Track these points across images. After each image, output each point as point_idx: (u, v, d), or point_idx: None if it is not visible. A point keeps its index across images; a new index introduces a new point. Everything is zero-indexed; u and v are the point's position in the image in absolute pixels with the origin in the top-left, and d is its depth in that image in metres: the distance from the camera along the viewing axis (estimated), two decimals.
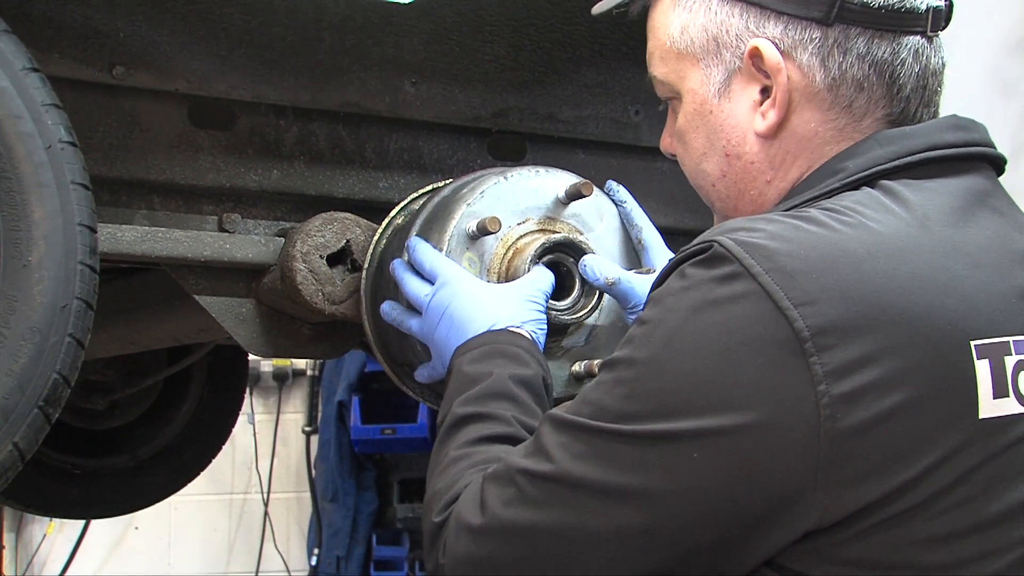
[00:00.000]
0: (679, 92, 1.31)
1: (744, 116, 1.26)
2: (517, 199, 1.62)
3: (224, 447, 3.03)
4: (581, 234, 1.64)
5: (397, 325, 1.59)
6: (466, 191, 1.63)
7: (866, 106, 1.23)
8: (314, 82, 1.83)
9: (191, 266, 1.75)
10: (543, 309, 1.51)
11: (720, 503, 1.07)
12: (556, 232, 1.62)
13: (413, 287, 1.55)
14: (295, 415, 5.60)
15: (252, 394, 5.45)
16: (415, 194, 1.78)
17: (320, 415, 5.42)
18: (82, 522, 5.13)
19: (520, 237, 1.61)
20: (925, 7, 1.23)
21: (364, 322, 1.71)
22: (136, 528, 5.39)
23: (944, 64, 1.26)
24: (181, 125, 1.79)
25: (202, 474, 3.01)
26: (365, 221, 1.76)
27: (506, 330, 1.44)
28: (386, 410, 5.04)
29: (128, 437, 2.92)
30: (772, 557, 1.09)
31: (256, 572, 5.50)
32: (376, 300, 1.68)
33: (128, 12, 1.69)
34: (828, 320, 1.06)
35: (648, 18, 1.35)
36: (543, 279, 1.55)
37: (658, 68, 1.33)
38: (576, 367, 1.63)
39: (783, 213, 1.16)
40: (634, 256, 1.68)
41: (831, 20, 1.21)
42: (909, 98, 1.24)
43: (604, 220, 1.68)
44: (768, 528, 1.07)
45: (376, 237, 1.73)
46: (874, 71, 1.22)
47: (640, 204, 1.71)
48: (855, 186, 1.19)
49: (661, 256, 1.66)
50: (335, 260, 1.73)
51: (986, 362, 1.10)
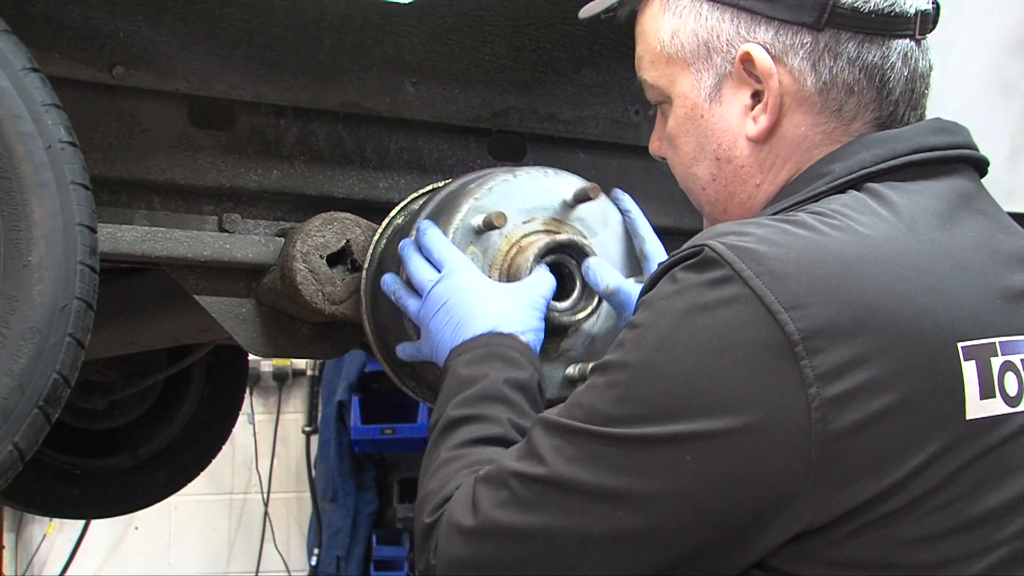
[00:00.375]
0: (669, 96, 1.31)
1: (735, 120, 1.27)
2: (524, 198, 1.62)
3: (224, 447, 3.03)
4: (585, 238, 1.64)
5: (395, 300, 1.58)
6: (474, 186, 1.63)
7: (856, 110, 1.24)
8: (314, 82, 1.83)
9: (191, 266, 1.75)
10: (543, 315, 1.51)
11: (713, 506, 1.08)
12: (561, 233, 1.62)
13: (419, 270, 1.54)
14: (295, 415, 5.60)
15: (252, 394, 5.45)
16: (415, 194, 1.78)
17: (320, 415, 5.42)
18: (82, 522, 5.13)
19: (525, 235, 1.61)
20: (914, 11, 1.23)
21: (364, 322, 1.71)
22: (136, 528, 5.39)
23: (932, 67, 1.27)
24: (181, 125, 1.79)
25: (202, 474, 3.01)
26: (365, 221, 1.76)
27: (502, 333, 1.44)
28: (386, 410, 5.04)
29: (128, 437, 2.92)
30: (763, 558, 1.10)
31: (256, 572, 5.50)
32: (376, 300, 1.68)
33: (128, 12, 1.69)
34: (818, 323, 1.06)
35: (636, 22, 1.35)
36: (545, 283, 1.54)
37: (648, 72, 1.33)
38: (571, 370, 1.63)
39: (772, 217, 1.17)
40: (635, 264, 1.68)
41: (822, 25, 1.21)
42: (898, 101, 1.24)
43: (608, 226, 1.68)
44: (760, 530, 1.08)
45: (376, 237, 1.73)
46: (864, 75, 1.22)
47: (643, 210, 1.72)
48: (842, 189, 1.19)
49: None
50: (335, 260, 1.73)
51: (973, 363, 1.10)
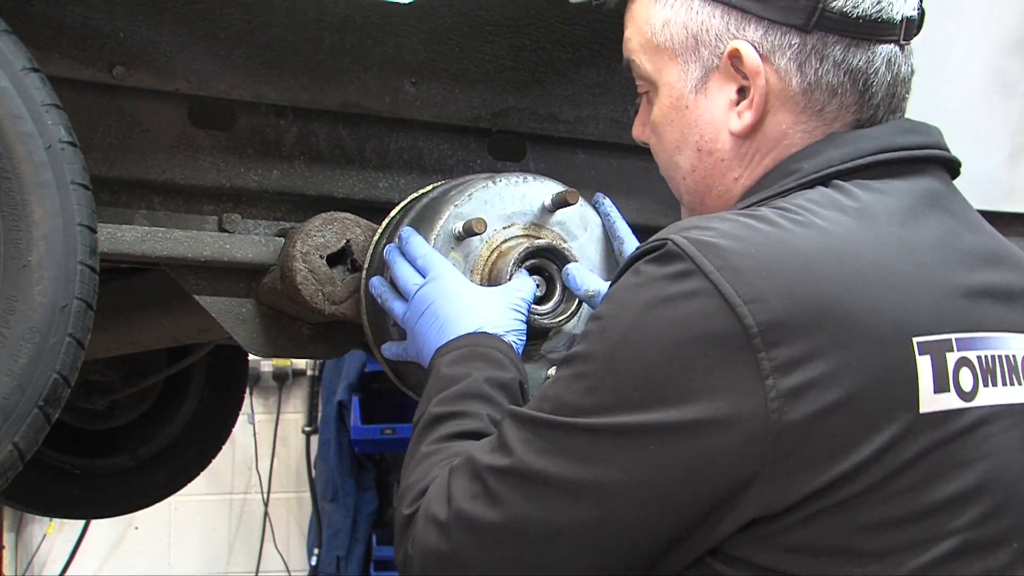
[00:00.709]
0: (656, 84, 1.34)
1: (719, 114, 1.29)
2: (504, 204, 1.65)
3: (224, 447, 3.03)
4: (565, 242, 1.67)
5: (381, 302, 1.61)
6: (454, 193, 1.66)
7: (837, 111, 1.26)
8: (314, 82, 1.83)
9: (191, 266, 1.75)
10: (525, 318, 1.53)
11: (675, 494, 1.10)
12: (540, 238, 1.65)
13: (404, 274, 1.57)
14: (295, 415, 5.60)
15: (252, 394, 5.45)
16: (415, 194, 1.78)
17: (320, 415, 5.42)
18: (82, 522, 5.13)
19: (505, 241, 1.64)
20: (900, 17, 1.25)
21: (364, 322, 1.71)
22: (136, 528, 5.39)
23: (913, 71, 1.30)
24: (181, 125, 1.79)
25: (202, 474, 3.01)
26: (365, 221, 1.76)
27: (487, 334, 1.46)
28: (386, 410, 5.04)
29: (128, 437, 2.92)
30: (719, 544, 1.12)
31: (256, 572, 5.50)
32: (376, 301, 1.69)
33: (128, 12, 1.69)
34: (776, 317, 1.08)
35: (627, 8, 1.37)
36: (526, 286, 1.57)
37: (636, 55, 1.35)
38: (552, 371, 1.65)
39: (736, 212, 1.19)
40: (615, 267, 1.71)
41: (810, 27, 1.23)
42: (879, 105, 1.27)
43: (588, 230, 1.70)
44: (719, 517, 1.10)
45: (376, 237, 1.73)
46: (848, 78, 1.25)
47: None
48: (809, 186, 1.22)
49: None
50: (335, 260, 1.73)
51: (928, 358, 1.13)
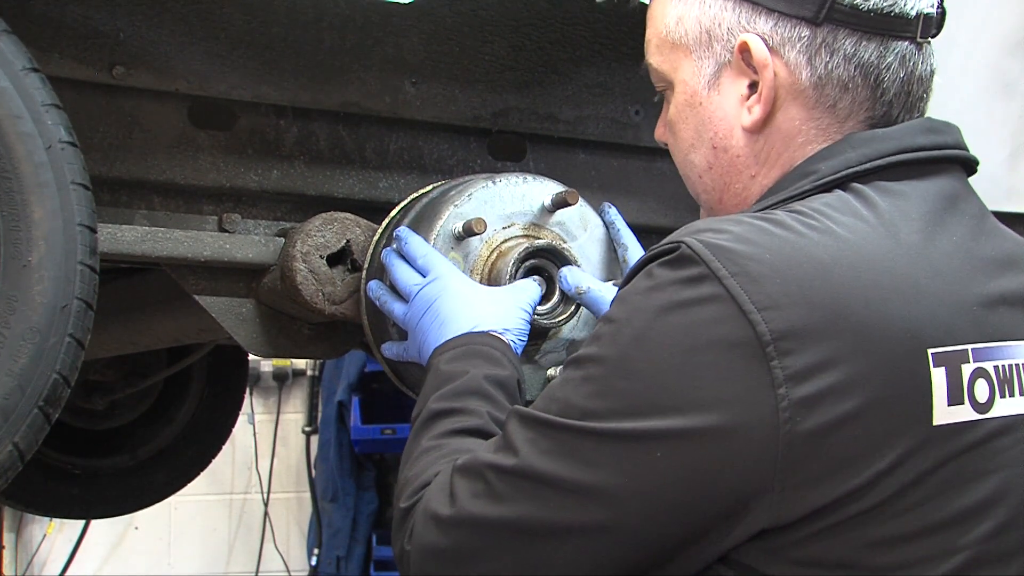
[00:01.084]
0: (672, 82, 1.33)
1: (732, 109, 1.28)
2: (504, 204, 1.65)
3: (224, 447, 3.03)
4: (565, 242, 1.67)
5: (380, 305, 1.61)
6: (454, 193, 1.66)
7: (850, 107, 1.24)
8: (314, 82, 1.83)
9: (191, 266, 1.75)
10: (528, 319, 1.53)
11: (681, 502, 1.09)
12: (540, 238, 1.64)
13: (403, 275, 1.57)
14: (295, 415, 5.60)
15: (252, 394, 5.45)
16: (415, 194, 1.78)
17: (320, 415, 5.42)
18: (82, 522, 5.13)
19: (504, 241, 1.64)
20: (915, 13, 1.23)
21: (364, 322, 1.71)
22: (136, 528, 5.39)
23: (933, 71, 1.27)
24: (181, 125, 1.79)
25: (202, 474, 3.01)
26: (365, 221, 1.76)
27: (485, 332, 1.46)
28: (386, 410, 5.04)
29: (128, 437, 2.92)
30: (727, 553, 1.11)
31: (256, 572, 5.50)
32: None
33: (128, 12, 1.69)
34: (790, 325, 1.07)
35: (648, 6, 1.36)
36: (532, 288, 1.57)
37: (654, 56, 1.34)
38: (552, 371, 1.65)
39: (752, 215, 1.17)
40: (615, 267, 1.72)
41: (820, 20, 1.22)
42: (892, 102, 1.25)
43: (588, 230, 1.71)
44: (727, 527, 1.09)
45: (376, 237, 1.73)
46: (859, 73, 1.23)
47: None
48: (827, 188, 1.20)
49: None
50: (335, 260, 1.73)
51: (942, 370, 1.11)
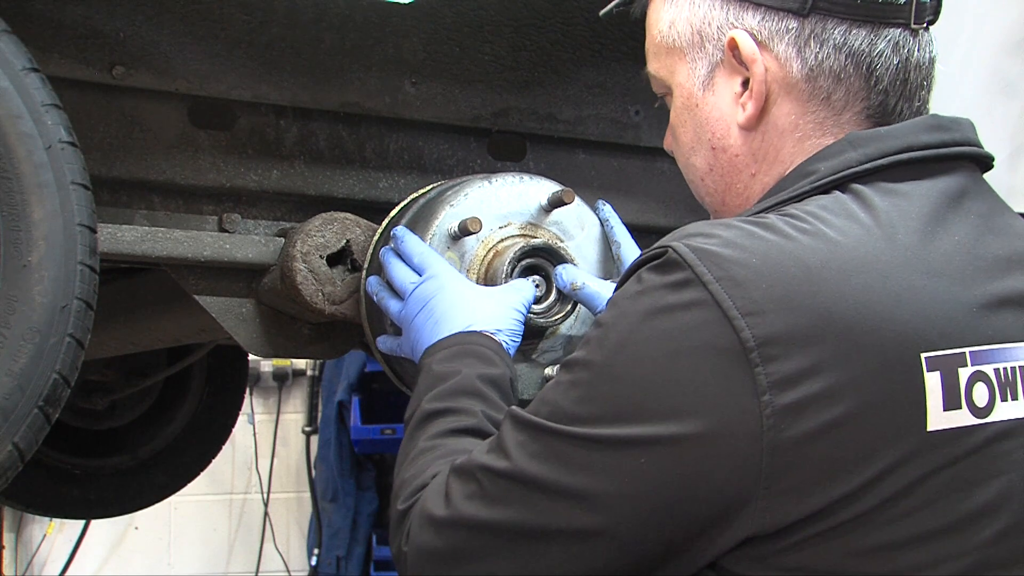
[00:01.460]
0: (670, 87, 1.32)
1: (727, 109, 1.26)
2: (500, 203, 1.65)
3: (224, 447, 3.04)
4: (561, 241, 1.67)
5: (377, 301, 1.61)
6: (450, 193, 1.66)
7: (845, 99, 1.22)
8: (314, 82, 1.83)
9: (191, 266, 1.75)
10: (522, 320, 1.52)
11: (667, 508, 1.08)
12: (537, 238, 1.64)
13: (399, 273, 1.57)
14: (295, 415, 5.60)
15: (252, 394, 5.45)
16: (415, 194, 1.78)
17: (320, 415, 5.42)
18: (82, 522, 5.13)
19: (501, 240, 1.64)
20: None
21: (364, 322, 1.71)
22: (136, 528, 5.39)
23: (932, 59, 1.24)
24: (181, 125, 1.79)
25: (202, 474, 3.01)
26: (365, 221, 1.76)
27: (477, 332, 1.46)
28: (386, 410, 5.04)
29: (128, 437, 2.92)
30: (715, 560, 1.10)
31: (256, 572, 5.49)
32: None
33: (128, 12, 1.69)
34: (774, 331, 1.05)
35: (647, 15, 1.35)
36: (526, 289, 1.56)
37: (652, 63, 1.33)
38: (549, 370, 1.65)
39: (744, 219, 1.15)
40: (612, 266, 1.71)
41: (807, 11, 1.20)
42: (887, 91, 1.22)
43: (585, 229, 1.71)
44: (713, 534, 1.08)
45: (376, 237, 1.73)
46: (851, 62, 1.20)
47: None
48: (826, 189, 1.18)
49: None
50: (335, 260, 1.73)
51: (937, 374, 1.08)
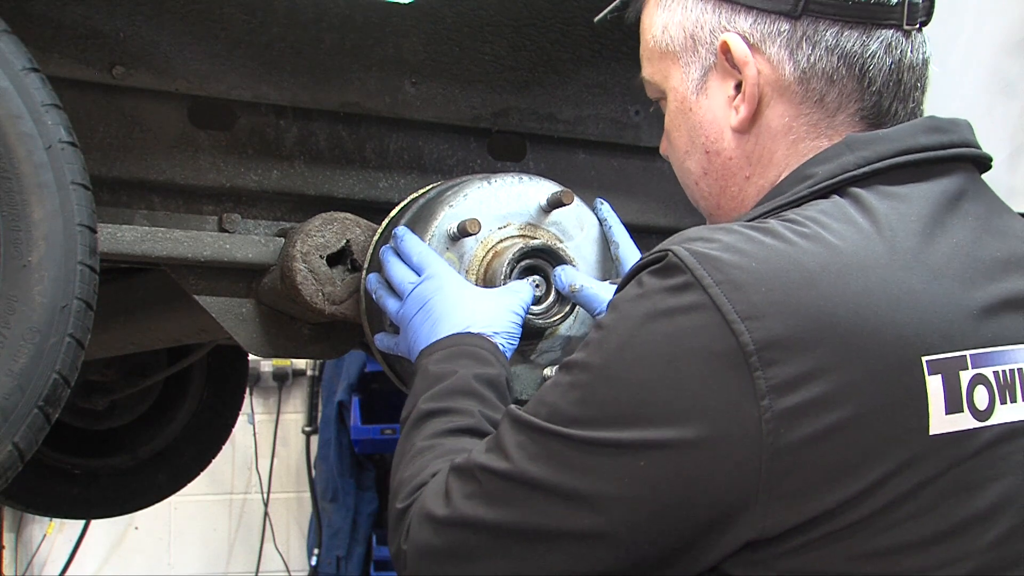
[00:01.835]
0: (664, 91, 1.32)
1: (721, 112, 1.26)
2: (499, 204, 1.65)
3: (224, 447, 3.03)
4: (561, 242, 1.66)
5: (376, 300, 1.61)
6: (449, 193, 1.66)
7: (838, 100, 1.22)
8: (314, 82, 1.83)
9: (191, 266, 1.75)
10: (520, 322, 1.52)
11: (666, 512, 1.08)
12: (536, 238, 1.64)
13: (398, 273, 1.57)
14: (295, 415, 5.60)
15: (252, 394, 5.45)
16: (415, 194, 1.78)
17: (320, 415, 5.42)
18: (82, 522, 5.13)
19: (500, 241, 1.64)
20: (897, 0, 1.21)
21: (363, 322, 1.71)
22: (136, 528, 5.39)
23: (926, 59, 1.24)
24: (181, 125, 1.79)
25: (202, 474, 3.01)
26: (365, 221, 1.76)
27: (473, 334, 1.46)
28: (386, 410, 5.04)
29: (128, 437, 2.92)
30: (716, 563, 1.10)
31: (256, 572, 5.50)
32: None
33: (128, 12, 1.69)
34: (774, 335, 1.05)
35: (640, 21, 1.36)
36: (525, 291, 1.56)
37: (646, 68, 1.34)
38: (548, 371, 1.65)
39: (744, 224, 1.15)
40: (611, 267, 1.71)
41: (799, 13, 1.20)
42: (881, 92, 1.22)
43: (584, 230, 1.70)
44: (713, 538, 1.08)
45: (376, 237, 1.73)
46: (843, 63, 1.21)
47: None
48: (824, 194, 1.17)
49: None
50: (335, 260, 1.73)
51: (938, 377, 1.08)
